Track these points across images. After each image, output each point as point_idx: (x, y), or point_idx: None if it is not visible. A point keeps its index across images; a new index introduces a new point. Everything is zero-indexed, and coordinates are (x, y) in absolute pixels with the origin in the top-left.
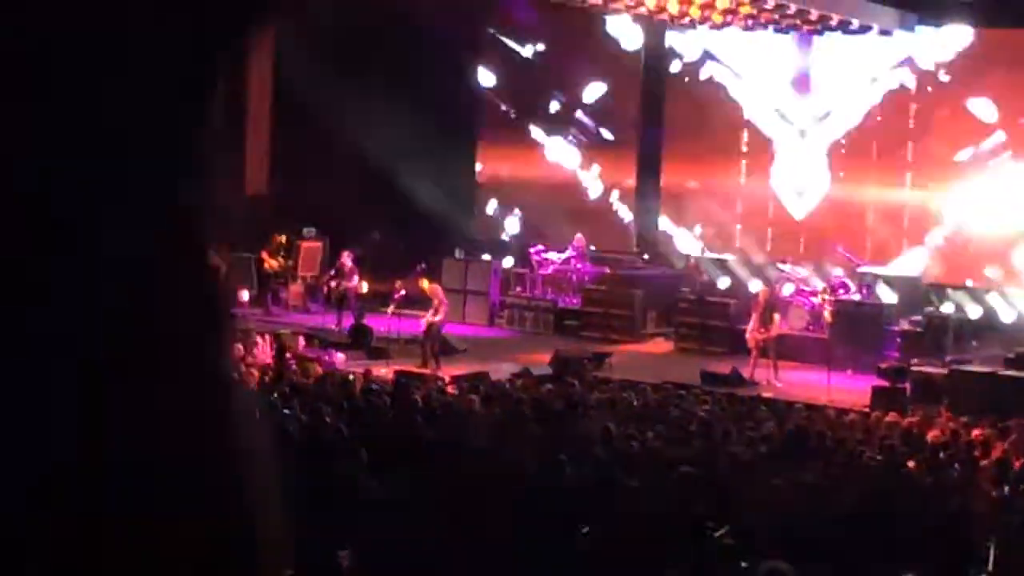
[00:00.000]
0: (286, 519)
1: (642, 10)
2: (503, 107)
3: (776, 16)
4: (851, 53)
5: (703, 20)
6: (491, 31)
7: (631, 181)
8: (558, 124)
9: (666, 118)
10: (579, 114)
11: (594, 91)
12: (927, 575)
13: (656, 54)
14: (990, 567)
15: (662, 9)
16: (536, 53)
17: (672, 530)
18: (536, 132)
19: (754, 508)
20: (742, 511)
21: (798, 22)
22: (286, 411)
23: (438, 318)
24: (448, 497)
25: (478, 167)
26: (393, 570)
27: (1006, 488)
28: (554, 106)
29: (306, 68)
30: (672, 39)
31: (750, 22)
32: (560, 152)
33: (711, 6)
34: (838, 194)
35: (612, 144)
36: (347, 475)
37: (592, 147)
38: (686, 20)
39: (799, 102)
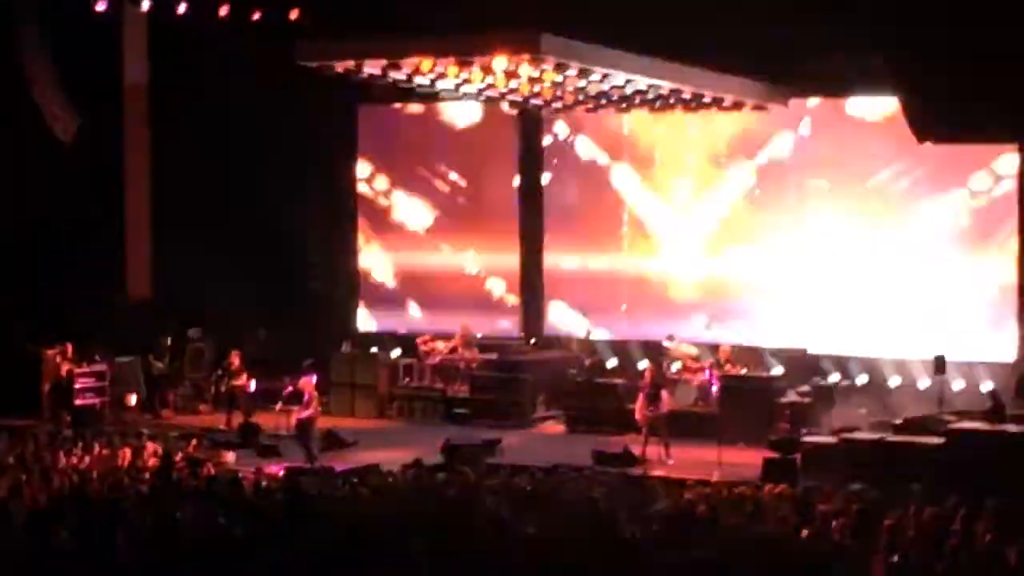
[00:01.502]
0: None
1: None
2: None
3: (650, 96)
4: (724, 128)
5: (572, 104)
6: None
7: (513, 262)
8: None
9: (545, 197)
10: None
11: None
12: None
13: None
14: None
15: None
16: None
17: None
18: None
19: None
20: None
21: (671, 101)
22: (177, 515)
23: (308, 413)
24: None
25: (360, 257)
26: None
27: (897, 556)
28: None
29: (186, 165)
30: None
31: (624, 104)
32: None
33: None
34: (721, 270)
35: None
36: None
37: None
38: (556, 103)
39: (676, 180)
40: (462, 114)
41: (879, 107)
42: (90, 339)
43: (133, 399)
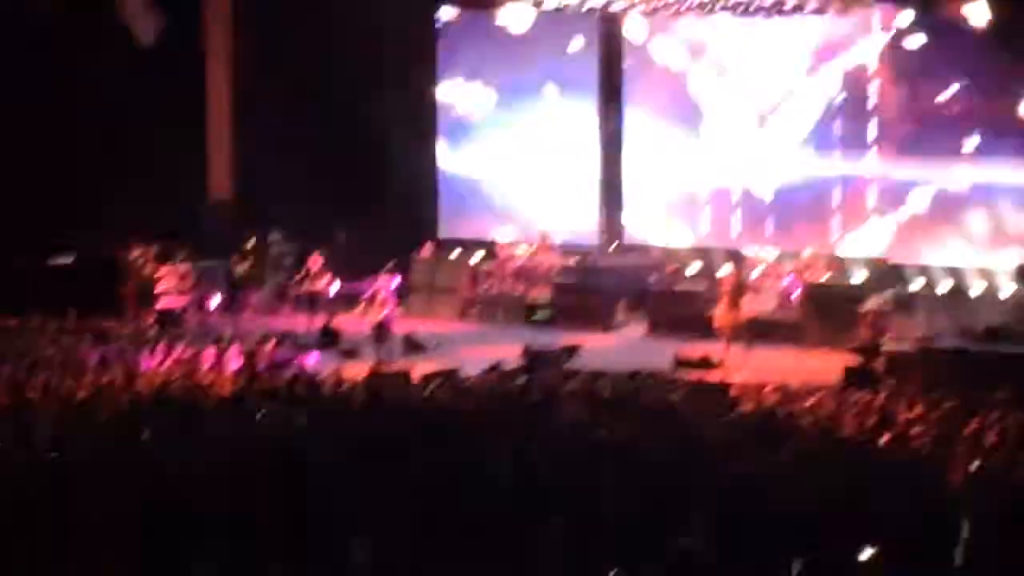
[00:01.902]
0: None
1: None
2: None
3: (731, 2)
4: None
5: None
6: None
7: (594, 167)
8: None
9: (626, 99)
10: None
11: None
12: (899, 552)
13: (609, 37)
14: (963, 543)
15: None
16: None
17: (645, 518)
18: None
19: (727, 492)
20: (715, 496)
21: (752, 8)
22: (258, 416)
23: (386, 316)
24: (425, 495)
25: (441, 160)
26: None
27: (979, 463)
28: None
29: (268, 67)
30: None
31: (706, 9)
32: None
33: None
34: (804, 175)
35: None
36: (323, 479)
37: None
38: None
39: (758, 85)
40: (542, 19)
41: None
42: (173, 241)
43: (215, 301)
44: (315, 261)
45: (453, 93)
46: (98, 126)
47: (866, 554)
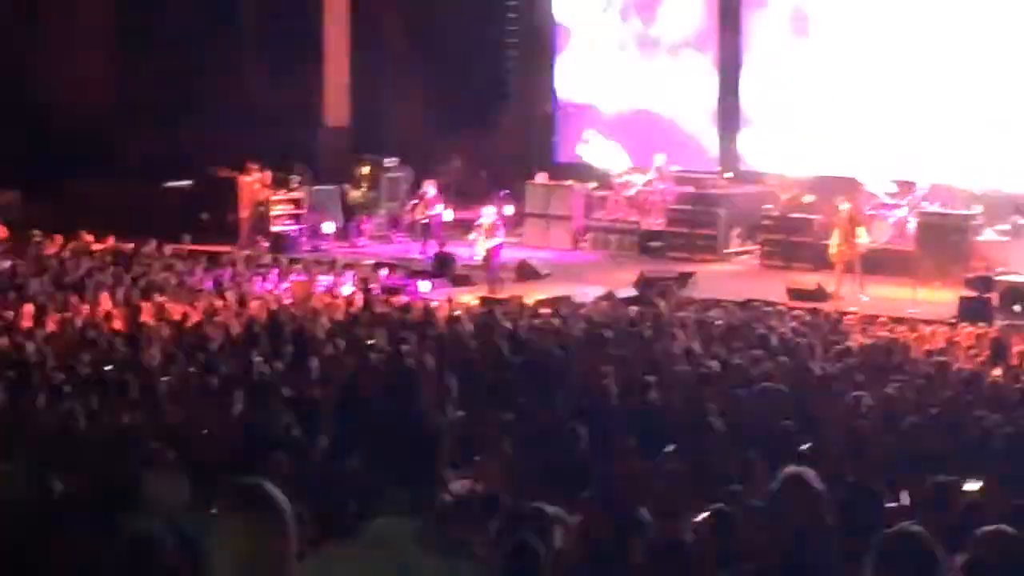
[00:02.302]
0: None
1: None
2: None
3: None
4: None
5: None
6: None
7: (711, 96)
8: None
9: (744, 28)
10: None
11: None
12: (1007, 485)
13: None
14: None
15: None
16: None
17: (754, 446)
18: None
19: (837, 422)
20: (825, 426)
21: None
22: (370, 342)
23: (494, 241)
24: (537, 423)
25: (556, 90)
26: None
27: None
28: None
29: None
30: None
31: None
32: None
33: None
34: (918, 107)
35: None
36: (434, 403)
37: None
38: None
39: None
40: None
41: None
42: (288, 167)
43: (330, 227)
44: (429, 188)
45: (571, 17)
46: (217, 51)
47: (973, 485)
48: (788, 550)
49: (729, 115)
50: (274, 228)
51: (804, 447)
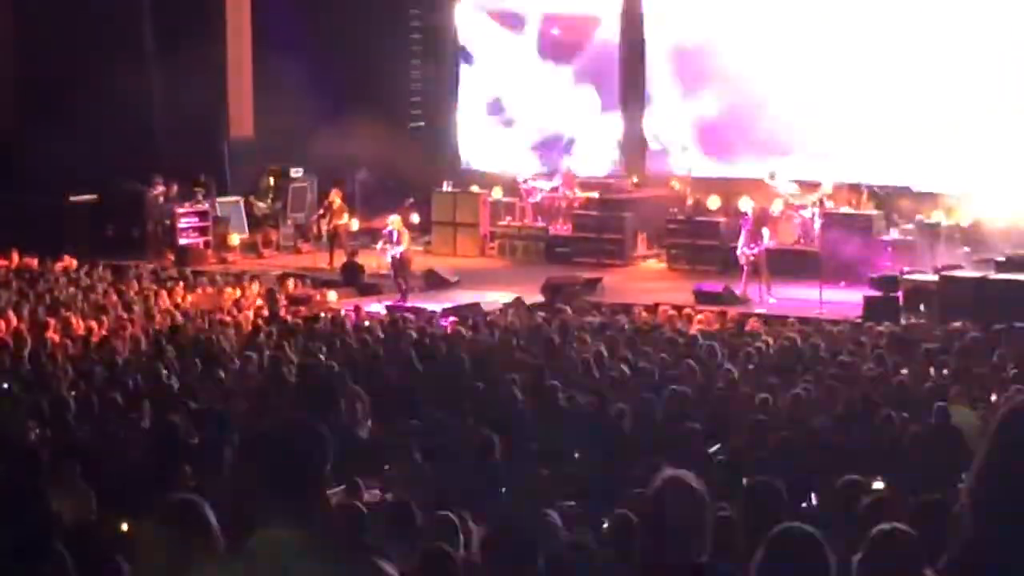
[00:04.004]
0: None
1: None
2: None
3: None
4: None
5: None
6: None
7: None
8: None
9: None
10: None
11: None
12: (911, 484)
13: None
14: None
15: None
16: None
17: (666, 446)
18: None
19: (747, 424)
20: (734, 428)
21: None
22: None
23: (400, 249)
24: (446, 431)
25: (460, 95)
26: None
27: (996, 396)
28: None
29: (287, 4)
30: None
31: None
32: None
33: None
34: (825, 105)
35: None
36: (347, 413)
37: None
38: None
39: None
40: None
41: None
42: (193, 178)
43: (236, 239)
44: (335, 197)
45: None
46: (119, 62)
47: (878, 484)
48: (672, 551)
49: (633, 120)
50: (180, 240)
51: (712, 450)
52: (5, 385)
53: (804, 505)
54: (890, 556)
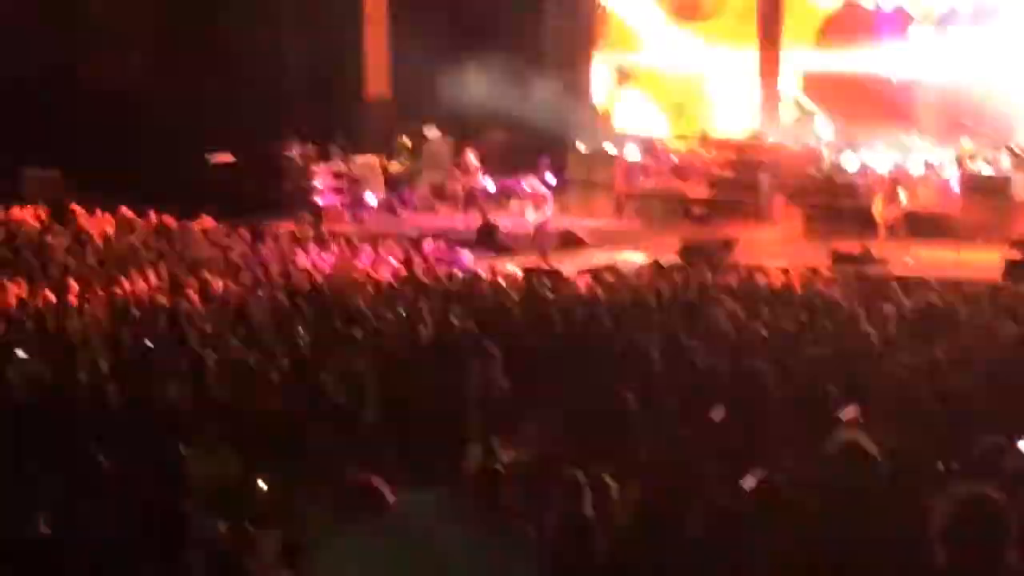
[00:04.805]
0: None
1: None
2: None
3: None
4: None
5: None
6: None
7: (751, 55)
8: None
9: None
10: None
11: None
12: None
13: None
14: None
15: None
16: None
17: (802, 412)
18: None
19: (884, 387)
20: (871, 391)
21: None
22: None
23: (544, 211)
24: (582, 392)
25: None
26: (535, 465)
27: None
28: None
29: None
30: None
31: None
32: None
33: None
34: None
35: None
36: (481, 374)
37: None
38: None
39: None
40: None
41: None
42: (330, 139)
43: (372, 199)
44: (471, 157)
45: None
46: (257, 25)
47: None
48: (843, 517)
49: (771, 79)
50: (316, 200)
51: (846, 413)
52: (147, 342)
53: (944, 469)
54: None
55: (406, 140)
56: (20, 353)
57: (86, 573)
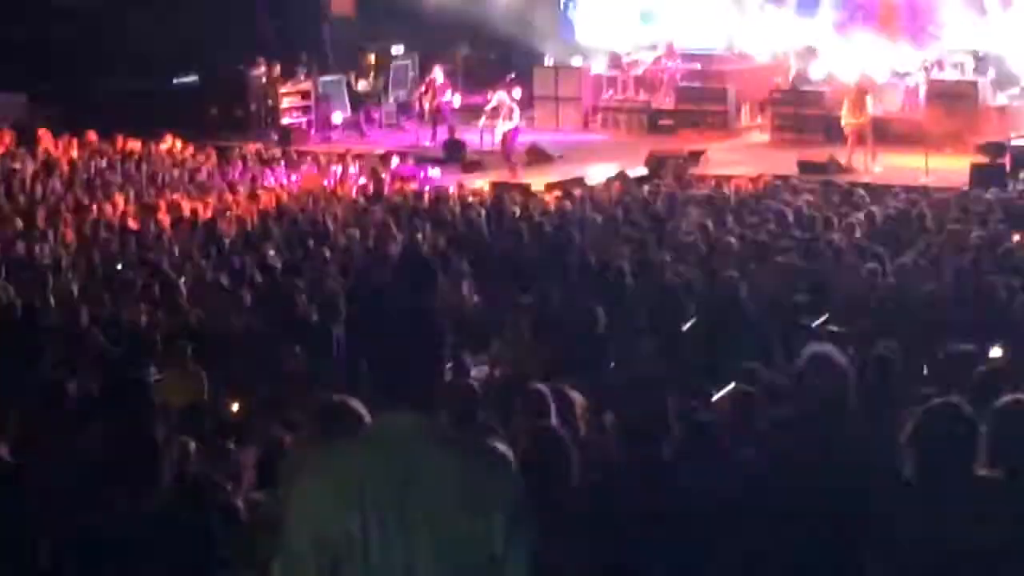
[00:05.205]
0: None
1: None
2: None
3: None
4: None
5: None
6: None
7: None
8: None
9: None
10: None
11: None
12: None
13: None
14: None
15: None
16: None
17: (773, 317)
18: None
19: (853, 293)
20: (841, 296)
21: None
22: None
23: (510, 124)
24: (553, 306)
25: None
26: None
27: None
28: None
29: None
30: None
31: None
32: None
33: None
34: None
35: None
36: (451, 288)
37: None
38: None
39: None
40: None
41: None
42: (295, 58)
43: (338, 117)
44: (437, 74)
45: None
46: None
47: (996, 352)
48: (815, 428)
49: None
50: (282, 120)
51: (818, 322)
52: (119, 267)
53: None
54: (1020, 427)
55: (371, 58)
56: None
57: (52, 499)
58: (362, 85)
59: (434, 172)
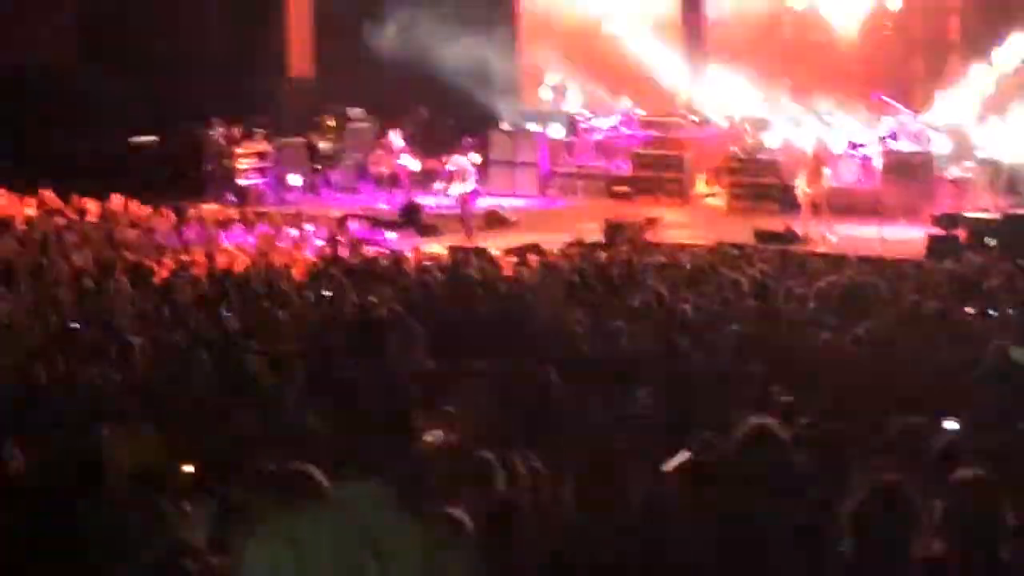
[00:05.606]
0: None
1: None
2: None
3: None
4: None
5: None
6: None
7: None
8: None
9: None
10: None
11: None
12: (977, 424)
13: None
14: None
15: None
16: None
17: (730, 389)
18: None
19: (810, 365)
20: (794, 369)
21: None
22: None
23: (467, 189)
24: (507, 372)
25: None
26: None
27: None
28: None
29: None
30: None
31: None
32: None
33: None
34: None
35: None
36: (402, 353)
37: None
38: None
39: None
40: None
41: None
42: (253, 119)
43: (296, 179)
44: (395, 137)
45: None
46: (180, 3)
47: (950, 425)
48: (759, 499)
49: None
50: (239, 181)
51: (778, 397)
52: (74, 325)
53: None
54: (973, 503)
55: (329, 120)
56: None
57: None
58: (321, 147)
59: (391, 235)
